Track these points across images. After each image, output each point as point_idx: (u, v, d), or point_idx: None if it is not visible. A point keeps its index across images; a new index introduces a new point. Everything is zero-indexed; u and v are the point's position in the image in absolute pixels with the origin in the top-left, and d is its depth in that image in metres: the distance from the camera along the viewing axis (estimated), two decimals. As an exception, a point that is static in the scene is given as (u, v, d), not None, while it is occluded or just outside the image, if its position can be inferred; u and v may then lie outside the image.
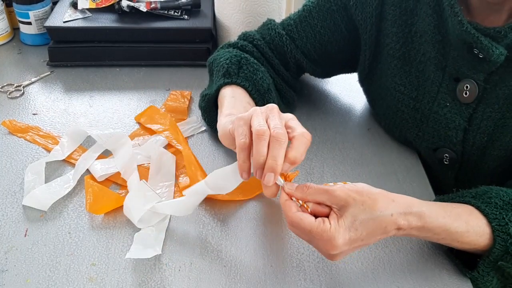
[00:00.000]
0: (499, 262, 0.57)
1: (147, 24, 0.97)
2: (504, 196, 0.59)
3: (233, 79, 0.73)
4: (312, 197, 0.56)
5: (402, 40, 0.73)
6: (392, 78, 0.76)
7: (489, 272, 0.58)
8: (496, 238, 0.56)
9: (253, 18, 0.96)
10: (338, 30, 0.79)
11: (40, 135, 0.79)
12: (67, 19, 0.97)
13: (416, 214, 0.56)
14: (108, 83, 0.94)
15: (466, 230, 0.57)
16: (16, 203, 0.68)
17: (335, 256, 0.55)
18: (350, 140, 0.82)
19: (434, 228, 0.57)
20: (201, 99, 0.79)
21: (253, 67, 0.75)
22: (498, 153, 0.69)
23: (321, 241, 0.54)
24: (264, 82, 0.75)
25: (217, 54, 0.80)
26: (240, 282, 0.60)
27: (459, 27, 0.63)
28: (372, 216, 0.54)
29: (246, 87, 0.73)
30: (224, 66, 0.75)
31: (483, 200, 0.59)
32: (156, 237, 0.63)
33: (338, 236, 0.53)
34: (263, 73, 0.76)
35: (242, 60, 0.75)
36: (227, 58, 0.76)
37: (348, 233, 0.53)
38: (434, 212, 0.57)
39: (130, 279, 0.59)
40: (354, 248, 0.55)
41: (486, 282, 0.59)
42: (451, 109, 0.70)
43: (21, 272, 0.59)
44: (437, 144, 0.74)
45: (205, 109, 0.78)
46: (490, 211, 0.58)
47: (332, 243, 0.53)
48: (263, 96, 0.74)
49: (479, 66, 0.65)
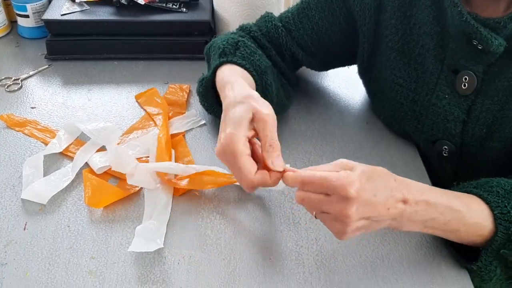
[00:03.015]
0: (502, 251, 0.57)
1: (145, 17, 0.96)
2: (505, 186, 0.59)
3: (228, 58, 0.71)
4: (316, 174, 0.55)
5: (401, 32, 0.73)
6: (391, 71, 0.76)
7: (491, 261, 0.58)
8: (499, 226, 0.56)
9: (252, 11, 0.95)
10: (336, 22, 0.78)
11: (38, 129, 0.79)
12: (65, 12, 0.96)
13: (418, 188, 0.57)
14: (106, 77, 0.94)
15: (468, 210, 0.57)
16: (15, 196, 0.68)
17: (351, 206, 0.52)
18: (349, 134, 0.82)
19: (437, 205, 0.56)
20: (198, 84, 0.77)
21: (250, 49, 0.74)
22: (497, 145, 0.69)
23: (337, 189, 0.52)
24: (262, 64, 0.73)
25: (214, 40, 0.80)
26: (239, 274, 0.60)
27: (458, 17, 0.62)
28: (379, 175, 0.55)
29: (243, 65, 0.71)
30: (220, 47, 0.73)
31: (485, 189, 0.59)
32: (158, 230, 0.63)
33: (354, 179, 0.52)
34: (260, 56, 0.75)
35: (239, 42, 0.74)
36: (224, 40, 0.75)
37: (361, 179, 0.53)
38: (434, 189, 0.58)
39: (129, 272, 0.59)
40: (367, 203, 0.53)
41: (490, 272, 0.58)
42: (450, 101, 0.70)
43: (20, 265, 0.59)
44: (436, 136, 0.74)
45: (203, 93, 0.76)
46: (492, 199, 0.58)
47: (350, 184, 0.52)
48: (261, 76, 0.72)
49: (478, 58, 0.65)
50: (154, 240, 0.62)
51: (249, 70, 0.71)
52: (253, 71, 0.71)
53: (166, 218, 0.66)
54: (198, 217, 0.67)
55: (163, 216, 0.66)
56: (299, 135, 0.81)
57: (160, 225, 0.64)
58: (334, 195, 0.53)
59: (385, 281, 0.60)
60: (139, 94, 0.88)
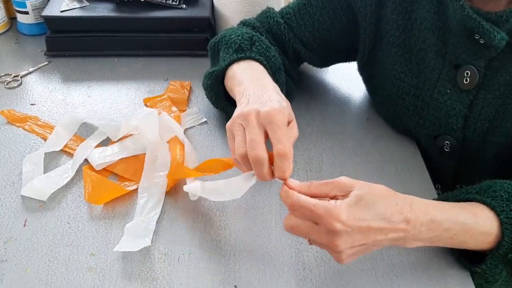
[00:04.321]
0: (509, 255, 0.56)
1: (145, 14, 0.96)
2: (509, 189, 0.58)
3: (246, 54, 0.70)
4: (316, 190, 0.54)
5: (402, 27, 0.72)
6: (393, 66, 0.75)
7: (497, 265, 0.57)
8: (505, 231, 0.55)
9: (252, 7, 0.95)
10: (337, 18, 0.78)
11: (39, 124, 0.79)
12: (64, 8, 0.96)
13: (421, 207, 0.55)
14: (106, 73, 0.93)
15: (475, 221, 0.56)
16: (15, 193, 0.68)
17: (339, 239, 0.51)
18: (349, 131, 0.82)
19: (443, 222, 0.55)
20: (206, 77, 0.75)
21: (265, 44, 0.74)
22: (498, 140, 0.68)
23: (323, 221, 0.51)
24: (276, 60, 0.73)
25: (223, 33, 0.77)
26: (239, 271, 0.60)
27: (460, 11, 0.62)
28: (377, 199, 0.53)
29: (261, 61, 0.70)
30: (236, 42, 0.72)
31: (488, 194, 0.58)
32: (146, 227, 0.63)
33: (341, 210, 0.50)
34: (274, 52, 0.74)
35: (254, 37, 0.74)
36: (239, 34, 0.73)
37: (352, 208, 0.51)
38: (439, 205, 0.56)
39: (129, 269, 0.59)
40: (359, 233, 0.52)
41: (495, 275, 0.57)
42: (451, 96, 0.70)
43: (20, 262, 0.59)
44: (438, 132, 0.73)
45: (211, 86, 0.74)
46: (497, 204, 0.57)
47: (335, 218, 0.50)
48: (275, 74, 0.72)
49: (480, 52, 0.65)
50: (142, 237, 0.61)
51: (266, 67, 0.71)
52: (269, 68, 0.71)
53: (155, 216, 0.65)
54: (198, 214, 0.67)
55: (154, 213, 0.65)
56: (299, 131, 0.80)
57: (148, 223, 0.64)
58: (321, 225, 0.52)
59: (384, 278, 0.60)
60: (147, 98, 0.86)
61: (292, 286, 0.59)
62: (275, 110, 0.57)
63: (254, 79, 0.66)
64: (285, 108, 0.60)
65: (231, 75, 0.70)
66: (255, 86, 0.64)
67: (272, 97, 0.61)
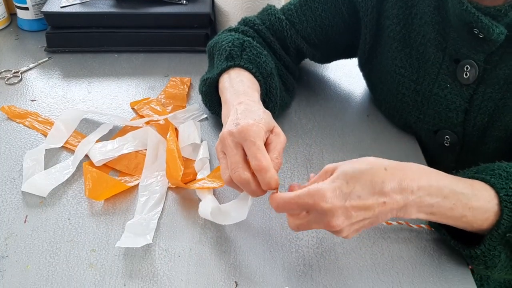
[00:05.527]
0: (508, 234, 0.55)
1: (145, 10, 0.96)
2: (507, 168, 0.58)
3: (236, 62, 0.71)
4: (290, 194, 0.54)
5: (403, 22, 0.72)
6: (393, 61, 0.75)
7: (496, 246, 0.56)
8: (504, 209, 0.54)
9: (252, 3, 0.95)
10: (339, 13, 0.78)
11: (39, 120, 0.79)
12: (64, 4, 0.96)
13: (415, 174, 0.53)
14: (106, 69, 0.93)
15: (473, 193, 0.55)
16: (16, 189, 0.68)
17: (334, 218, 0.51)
18: (349, 126, 0.82)
19: (441, 188, 0.54)
20: (201, 83, 0.77)
21: (256, 50, 0.74)
22: (498, 134, 0.68)
23: (311, 206, 0.51)
24: (268, 66, 0.74)
25: (218, 38, 0.79)
26: (240, 267, 0.60)
27: (459, 6, 0.62)
28: (363, 169, 0.52)
29: (250, 69, 0.71)
30: (226, 49, 0.73)
31: (487, 173, 0.58)
32: (147, 225, 0.63)
33: (325, 190, 0.50)
34: (266, 57, 0.75)
35: (245, 43, 0.74)
36: (230, 41, 0.75)
37: (336, 184, 0.51)
38: (434, 173, 0.56)
39: (130, 265, 0.59)
40: (353, 208, 0.51)
41: (494, 257, 0.56)
42: (451, 90, 0.70)
43: (21, 258, 0.59)
44: (438, 126, 0.73)
45: (206, 93, 0.76)
46: (497, 181, 0.56)
47: (321, 198, 0.50)
48: (266, 80, 0.73)
49: (479, 47, 0.65)
50: (143, 235, 0.61)
51: (256, 74, 0.72)
52: (259, 75, 0.72)
53: (157, 214, 0.65)
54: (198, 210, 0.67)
55: (155, 211, 0.65)
56: (300, 128, 0.81)
57: (149, 221, 0.64)
58: (312, 212, 0.52)
59: (385, 273, 0.60)
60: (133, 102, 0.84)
61: (293, 282, 0.59)
62: (248, 126, 0.58)
63: (235, 95, 0.66)
64: (261, 119, 0.60)
65: (221, 87, 0.71)
66: (235, 104, 0.64)
67: (248, 113, 0.61)
